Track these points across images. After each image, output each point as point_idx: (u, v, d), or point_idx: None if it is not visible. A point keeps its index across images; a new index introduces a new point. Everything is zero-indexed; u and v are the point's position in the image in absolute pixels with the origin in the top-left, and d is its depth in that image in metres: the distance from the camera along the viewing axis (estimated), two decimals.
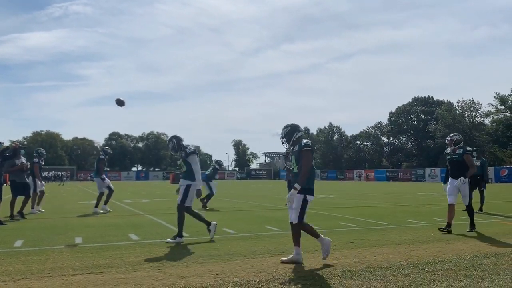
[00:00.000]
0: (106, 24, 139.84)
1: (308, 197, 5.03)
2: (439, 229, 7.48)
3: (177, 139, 7.00)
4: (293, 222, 5.08)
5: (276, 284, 4.07)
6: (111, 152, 13.00)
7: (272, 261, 5.08)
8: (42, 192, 11.79)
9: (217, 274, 4.46)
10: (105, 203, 11.83)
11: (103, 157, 12.19)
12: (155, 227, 8.37)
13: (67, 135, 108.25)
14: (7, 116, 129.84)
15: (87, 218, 10.14)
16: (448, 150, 7.66)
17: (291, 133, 5.31)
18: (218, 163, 14.74)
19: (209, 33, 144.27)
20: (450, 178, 7.56)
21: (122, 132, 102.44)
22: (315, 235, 5.17)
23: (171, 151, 7.12)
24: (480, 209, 11.07)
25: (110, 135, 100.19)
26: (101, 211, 11.47)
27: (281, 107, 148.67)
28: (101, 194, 11.81)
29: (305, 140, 5.20)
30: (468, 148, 7.58)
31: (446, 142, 7.78)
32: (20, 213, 10.01)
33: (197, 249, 5.91)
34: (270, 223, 8.79)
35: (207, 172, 14.09)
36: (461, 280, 4.14)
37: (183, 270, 4.66)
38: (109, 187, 11.94)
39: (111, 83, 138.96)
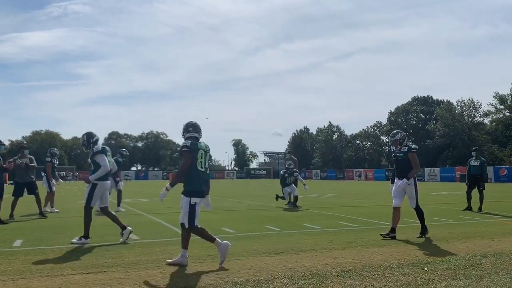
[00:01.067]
0: (105, 23, 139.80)
1: (193, 199, 4.91)
2: (381, 234, 6.89)
3: (87, 136, 6.78)
4: (186, 227, 4.98)
5: (275, 283, 4.07)
6: (127, 154, 13.17)
7: (272, 261, 5.09)
8: (53, 193, 11.89)
9: (216, 274, 4.47)
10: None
11: (120, 159, 12.37)
12: (155, 227, 8.37)
13: (66, 135, 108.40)
14: (6, 116, 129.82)
15: None
16: (393, 148, 7.17)
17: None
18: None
19: (208, 32, 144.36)
20: (396, 179, 7.04)
21: (121, 132, 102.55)
22: (210, 239, 5.02)
23: (82, 147, 6.95)
24: (480, 209, 11.09)
25: (109, 134, 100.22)
26: (122, 209, 11.73)
27: (281, 106, 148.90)
28: (120, 191, 12.14)
29: (186, 142, 5.14)
30: (413, 146, 7.02)
31: (390, 142, 7.27)
32: (41, 213, 10.08)
33: (196, 248, 5.91)
34: (269, 223, 8.79)
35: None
36: (460, 280, 4.14)
37: (183, 270, 4.67)
38: (116, 189, 12.06)
39: (110, 82, 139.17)
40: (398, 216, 6.97)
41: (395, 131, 7.34)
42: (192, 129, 5.27)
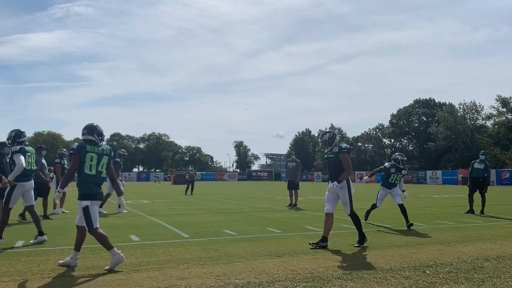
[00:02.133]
0: (108, 25, 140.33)
1: (84, 202, 4.87)
2: (309, 243, 6.28)
3: (15, 134, 6.61)
4: (86, 229, 4.93)
5: (276, 286, 4.06)
6: (126, 154, 13.15)
7: (273, 263, 5.08)
8: (64, 193, 11.89)
9: (217, 276, 4.46)
10: (101, 206, 11.82)
11: (119, 160, 12.37)
12: (156, 228, 8.37)
13: (68, 136, 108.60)
14: (9, 117, 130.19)
15: None
16: (326, 150, 6.62)
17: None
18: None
19: (209, 34, 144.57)
20: (328, 182, 6.45)
21: (123, 133, 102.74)
22: (108, 247, 4.91)
23: (7, 141, 6.79)
24: (481, 212, 11.04)
25: (111, 136, 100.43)
26: (124, 211, 11.70)
27: (282, 109, 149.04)
28: (108, 195, 12.07)
29: (76, 143, 5.07)
30: (344, 146, 6.42)
31: (320, 144, 6.73)
32: (45, 216, 10.10)
33: (198, 250, 5.91)
34: (271, 225, 8.78)
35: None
36: (462, 283, 4.13)
37: (184, 272, 4.66)
38: (109, 189, 11.99)
39: (112, 84, 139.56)
40: (331, 223, 6.34)
41: (324, 131, 6.77)
42: (86, 132, 5.14)
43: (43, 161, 10.15)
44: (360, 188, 33.22)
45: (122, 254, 4.89)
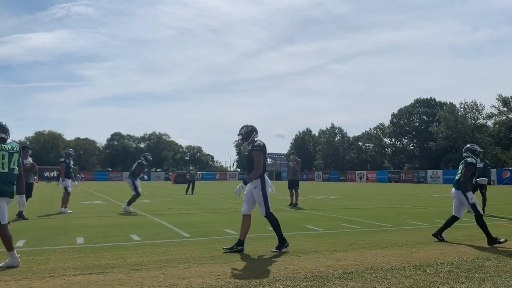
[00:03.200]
0: (108, 25, 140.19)
1: None
2: (223, 248, 5.87)
3: None
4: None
5: (277, 285, 4.06)
6: (151, 159, 13.37)
7: (274, 262, 5.08)
8: (68, 194, 12.02)
9: (218, 275, 4.47)
10: (129, 203, 12.04)
11: (145, 163, 12.60)
12: (157, 228, 8.37)
13: (69, 136, 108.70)
14: (9, 116, 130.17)
15: (89, 219, 10.16)
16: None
17: None
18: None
19: (210, 34, 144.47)
20: None
21: (124, 133, 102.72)
22: (8, 247, 4.89)
23: None
24: (482, 211, 11.01)
25: (112, 135, 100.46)
26: (131, 210, 11.85)
27: (283, 109, 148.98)
28: (136, 195, 12.28)
29: None
30: (257, 143, 5.90)
31: (238, 139, 6.28)
32: (21, 215, 10.06)
33: (199, 250, 5.91)
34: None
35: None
36: (462, 282, 4.13)
37: (185, 271, 4.67)
38: (136, 190, 12.31)
39: (113, 84, 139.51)
40: (247, 225, 5.93)
41: (243, 126, 6.24)
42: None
43: (30, 160, 10.12)
44: (361, 188, 33.21)
45: (19, 260, 4.89)
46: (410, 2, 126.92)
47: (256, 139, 6.05)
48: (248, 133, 6.07)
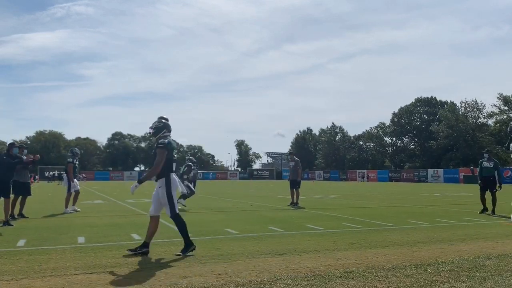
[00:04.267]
0: (108, 25, 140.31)
1: None
2: (127, 250, 5.65)
3: None
4: None
5: (278, 284, 4.06)
6: (195, 161, 13.96)
7: (274, 262, 5.08)
8: (78, 192, 12.09)
9: (219, 274, 4.47)
10: (184, 198, 12.48)
11: (191, 163, 13.35)
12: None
13: (70, 135, 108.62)
14: (10, 116, 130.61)
15: (90, 218, 10.16)
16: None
17: None
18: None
19: (210, 34, 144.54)
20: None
21: (124, 132, 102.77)
22: None
23: None
24: (493, 211, 10.88)
25: (113, 135, 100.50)
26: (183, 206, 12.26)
27: (283, 108, 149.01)
28: (192, 192, 13.04)
29: None
30: (161, 141, 5.60)
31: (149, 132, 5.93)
32: (15, 215, 10.06)
33: (199, 249, 5.91)
34: (272, 224, 8.79)
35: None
36: (463, 282, 4.12)
37: (186, 270, 4.67)
38: (190, 188, 12.89)
39: (113, 83, 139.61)
40: (153, 227, 5.68)
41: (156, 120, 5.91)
42: None
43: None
44: (361, 187, 33.21)
45: None
46: (410, 1, 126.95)
47: (166, 135, 5.76)
48: (159, 128, 5.77)
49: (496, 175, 11.37)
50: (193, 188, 12.93)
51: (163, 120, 5.88)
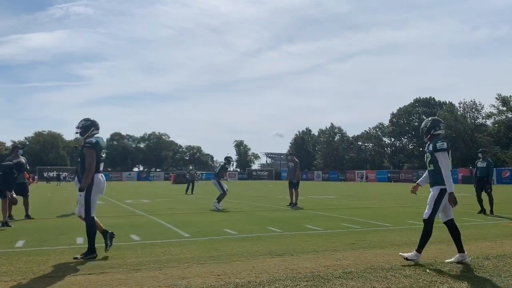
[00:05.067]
0: (107, 25, 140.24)
1: None
2: (73, 257, 5.34)
3: None
4: None
5: (277, 285, 4.06)
6: (233, 161, 14.15)
7: (273, 262, 5.08)
8: None
9: (218, 275, 4.47)
10: (219, 201, 12.60)
11: (227, 166, 13.84)
12: (156, 228, 8.37)
13: (68, 135, 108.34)
14: (9, 116, 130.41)
15: None
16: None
17: None
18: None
19: (209, 34, 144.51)
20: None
21: (123, 133, 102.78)
22: None
23: None
24: (491, 212, 10.87)
25: (112, 135, 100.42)
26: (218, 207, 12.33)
27: (283, 108, 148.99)
28: (224, 193, 13.00)
29: None
30: (89, 140, 5.43)
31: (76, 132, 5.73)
32: (27, 215, 10.08)
33: (198, 250, 5.91)
34: (271, 224, 8.79)
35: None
36: (462, 282, 4.13)
37: (184, 271, 4.67)
38: (222, 189, 12.94)
39: (112, 84, 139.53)
40: (97, 228, 5.52)
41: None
42: None
43: (23, 160, 10.05)
44: (360, 188, 33.23)
45: None
46: (409, 1, 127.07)
47: (94, 134, 5.59)
48: (86, 127, 5.58)
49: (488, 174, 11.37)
50: (225, 189, 13.01)
51: (90, 119, 5.71)
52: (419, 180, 5.61)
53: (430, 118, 5.59)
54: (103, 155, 5.57)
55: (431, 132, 5.44)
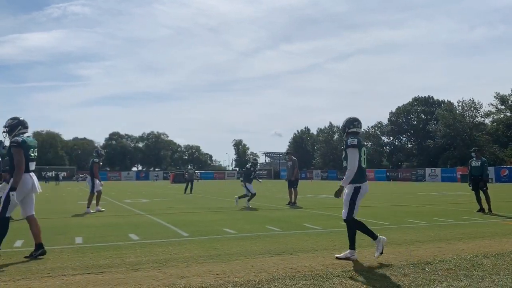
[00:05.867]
0: (105, 25, 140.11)
1: None
2: (24, 257, 5.37)
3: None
4: None
5: (276, 284, 4.06)
6: (258, 164, 14.34)
7: (272, 261, 5.08)
8: (100, 192, 12.14)
9: (217, 274, 4.46)
10: (248, 200, 13.15)
11: (252, 169, 14.18)
12: (155, 227, 8.37)
13: (67, 135, 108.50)
14: (7, 116, 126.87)
15: (87, 218, 10.14)
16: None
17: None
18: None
19: (207, 33, 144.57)
20: None
21: (122, 132, 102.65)
22: None
23: None
24: (489, 210, 10.86)
25: (110, 135, 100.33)
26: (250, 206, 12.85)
27: (281, 107, 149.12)
28: (254, 194, 13.43)
29: None
30: (14, 139, 5.26)
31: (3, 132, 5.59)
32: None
33: (197, 249, 5.91)
34: (270, 223, 8.79)
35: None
36: (461, 280, 4.13)
37: (183, 270, 4.66)
38: (249, 190, 13.41)
39: (110, 84, 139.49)
40: (34, 228, 5.51)
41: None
42: None
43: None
44: None
45: None
46: (407, 1, 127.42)
47: (22, 133, 5.46)
48: (12, 126, 5.44)
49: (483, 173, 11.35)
50: (251, 190, 13.27)
51: (17, 117, 5.57)
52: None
53: (347, 117, 5.63)
54: (32, 154, 5.45)
55: (346, 130, 5.49)
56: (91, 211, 11.51)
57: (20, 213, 5.59)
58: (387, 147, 76.71)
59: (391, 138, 75.48)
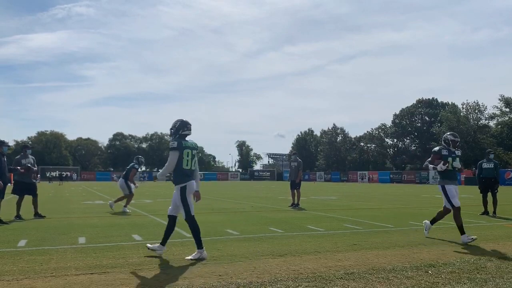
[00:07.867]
0: (109, 26, 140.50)
1: None
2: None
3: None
4: None
5: (278, 285, 4.06)
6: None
7: (275, 263, 5.08)
8: (132, 195, 12.62)
9: (220, 275, 4.46)
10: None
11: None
12: (158, 228, 8.37)
13: (71, 135, 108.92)
14: (11, 116, 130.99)
15: (91, 218, 10.17)
16: None
17: None
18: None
19: (211, 35, 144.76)
20: None
21: (126, 133, 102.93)
22: None
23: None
24: (494, 213, 10.73)
25: (114, 135, 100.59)
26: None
27: (284, 109, 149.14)
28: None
29: None
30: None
31: None
32: (36, 214, 10.13)
33: None
34: (273, 225, 8.78)
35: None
36: (464, 283, 4.12)
37: (186, 271, 4.67)
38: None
39: (114, 84, 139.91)
40: None
41: None
42: None
43: (31, 160, 10.09)
44: (362, 189, 33.17)
45: None
46: (410, 3, 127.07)
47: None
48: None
49: (496, 175, 11.25)
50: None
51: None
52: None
53: (177, 120, 5.65)
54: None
55: (179, 132, 5.53)
56: (128, 210, 11.76)
57: None
58: (391, 149, 76.57)
59: (395, 140, 75.37)
